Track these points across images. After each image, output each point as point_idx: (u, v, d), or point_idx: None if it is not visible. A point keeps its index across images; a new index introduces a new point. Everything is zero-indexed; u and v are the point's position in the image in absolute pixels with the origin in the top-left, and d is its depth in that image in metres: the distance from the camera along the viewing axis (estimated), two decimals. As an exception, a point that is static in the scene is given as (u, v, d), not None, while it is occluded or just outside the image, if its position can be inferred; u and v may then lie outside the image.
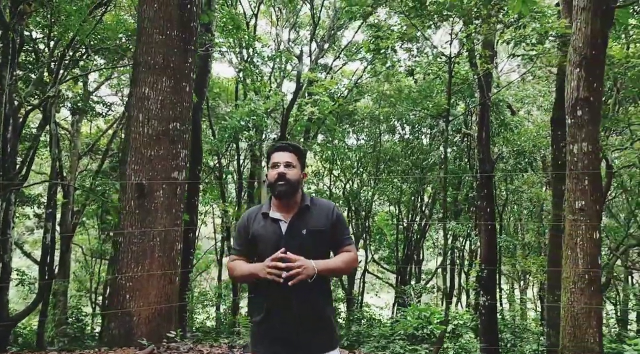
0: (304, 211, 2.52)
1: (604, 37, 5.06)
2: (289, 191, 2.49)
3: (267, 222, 2.52)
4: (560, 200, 9.23)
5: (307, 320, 2.43)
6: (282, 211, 2.53)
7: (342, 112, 17.73)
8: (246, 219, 2.62)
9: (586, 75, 4.91)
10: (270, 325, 2.47)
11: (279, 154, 2.56)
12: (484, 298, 11.55)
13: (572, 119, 4.98)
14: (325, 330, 2.51)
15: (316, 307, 2.46)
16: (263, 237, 2.48)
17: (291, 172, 2.50)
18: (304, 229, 2.46)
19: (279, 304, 2.43)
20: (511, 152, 14.96)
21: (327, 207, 2.57)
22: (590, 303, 4.89)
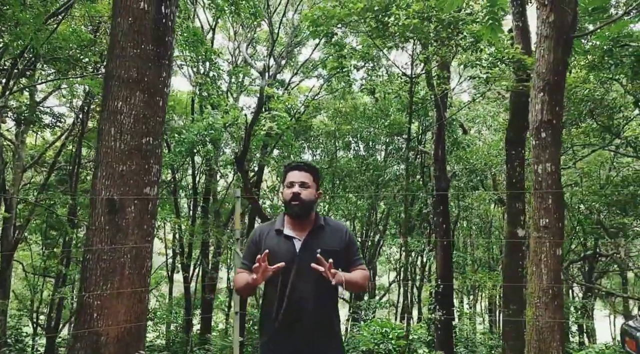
0: (319, 230, 2.57)
1: (564, 64, 5.38)
2: (303, 211, 2.54)
3: (281, 239, 2.55)
4: (515, 218, 9.62)
5: (317, 332, 2.47)
6: (295, 229, 2.56)
7: (299, 128, 17.85)
8: (258, 235, 2.65)
9: (549, 99, 5.19)
10: (281, 342, 2.48)
11: (295, 173, 2.60)
12: (440, 313, 11.79)
13: (536, 141, 5.23)
14: (335, 343, 2.55)
15: (326, 319, 2.51)
16: (276, 254, 2.49)
17: (306, 192, 2.55)
18: (318, 248, 2.48)
19: (290, 317, 2.45)
20: (463, 170, 15.44)
21: (341, 229, 2.62)
22: (554, 317, 5.10)
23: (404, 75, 10.28)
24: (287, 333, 2.47)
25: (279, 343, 2.49)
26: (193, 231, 14.89)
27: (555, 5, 5.20)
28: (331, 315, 2.54)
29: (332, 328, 2.53)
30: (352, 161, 19.64)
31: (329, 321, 2.52)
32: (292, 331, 2.46)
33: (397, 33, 9.15)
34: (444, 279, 11.81)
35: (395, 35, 9.37)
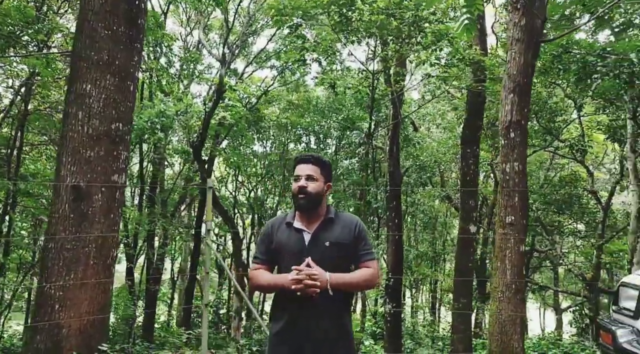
0: (328, 223, 2.54)
1: (533, 67, 5.58)
2: (309, 204, 2.51)
3: (291, 231, 2.53)
4: (468, 214, 9.93)
5: (327, 324, 2.44)
6: (305, 221, 2.54)
7: (251, 119, 17.62)
8: (270, 228, 2.62)
9: (519, 100, 5.38)
10: (291, 333, 2.46)
11: (301, 166, 2.57)
12: (390, 306, 12.01)
13: (505, 141, 5.42)
14: (345, 341, 2.53)
15: (337, 318, 2.48)
16: (286, 247, 2.50)
17: (312, 185, 2.52)
18: (327, 241, 2.48)
19: (300, 313, 2.43)
20: (413, 167, 15.78)
21: (351, 221, 2.59)
22: (515, 311, 5.31)
23: (364, 71, 10.35)
24: (296, 324, 2.46)
25: (288, 333, 2.47)
26: (140, 219, 14.40)
27: (526, 10, 5.38)
28: (340, 308, 2.53)
29: (341, 321, 2.52)
30: (302, 153, 19.61)
31: (337, 314, 2.50)
32: (301, 322, 2.45)
33: (361, 28, 9.20)
34: (394, 273, 12.02)
35: (359, 30, 9.42)
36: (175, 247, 20.94)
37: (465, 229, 9.81)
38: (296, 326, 2.45)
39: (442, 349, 12.32)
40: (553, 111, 14.27)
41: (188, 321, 16.60)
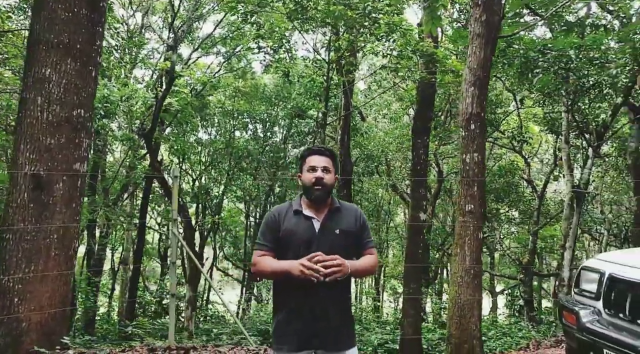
0: (335, 211, 2.62)
1: (490, 61, 5.81)
2: (325, 195, 2.59)
3: (300, 219, 2.58)
4: (418, 203, 10.23)
5: (332, 316, 2.51)
6: (313, 210, 2.60)
7: (196, 106, 17.26)
8: (277, 216, 2.64)
9: (479, 93, 5.59)
10: (296, 321, 2.51)
11: (317, 157, 2.62)
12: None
13: (465, 132, 5.62)
14: (348, 327, 2.61)
15: (341, 304, 2.56)
16: (295, 233, 2.55)
17: (328, 176, 2.60)
18: (337, 229, 2.56)
19: (305, 301, 2.49)
20: (361, 156, 16.02)
21: (355, 211, 2.68)
22: (474, 295, 5.56)
23: (318, 61, 10.39)
24: (302, 311, 2.51)
25: (294, 320, 2.52)
26: (80, 210, 13.85)
27: (487, 6, 5.58)
28: (345, 295, 2.62)
29: (346, 307, 2.61)
30: (250, 142, 19.46)
31: (343, 301, 2.59)
32: (306, 310, 2.50)
33: (317, 17, 9.20)
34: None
35: (314, 19, 9.42)
36: (116, 236, 20.27)
37: (415, 217, 10.11)
38: (302, 314, 2.51)
39: (390, 333, 12.66)
40: (494, 103, 14.89)
41: (132, 312, 16.17)
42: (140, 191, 17.46)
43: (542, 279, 20.78)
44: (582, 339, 3.44)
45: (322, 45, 10.33)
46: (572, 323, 3.57)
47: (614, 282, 3.42)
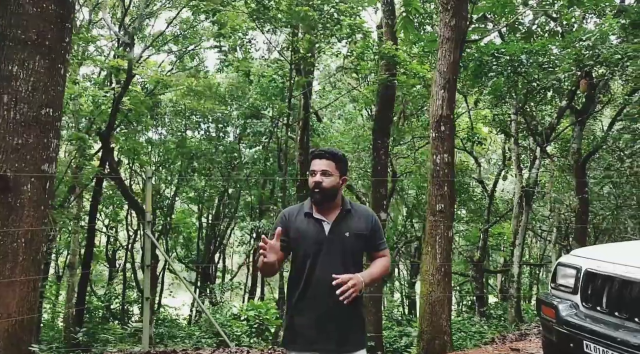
0: (346, 214, 2.63)
1: (458, 64, 5.98)
2: (324, 199, 2.60)
3: (310, 221, 2.61)
4: (379, 202, 10.39)
5: (342, 312, 2.53)
6: (323, 212, 2.62)
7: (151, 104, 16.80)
8: (287, 216, 2.68)
9: (448, 96, 5.75)
10: (307, 321, 2.55)
11: (316, 161, 2.63)
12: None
13: (436, 134, 5.77)
14: (360, 329, 2.64)
15: (353, 306, 2.56)
16: (306, 235, 2.59)
17: (327, 180, 2.59)
18: (347, 232, 2.57)
19: (317, 301, 2.52)
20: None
21: (367, 213, 2.70)
22: (444, 292, 5.72)
23: (279, 61, 10.36)
24: (313, 312, 2.55)
25: (305, 320, 2.56)
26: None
27: (456, 10, 5.75)
28: (356, 299, 2.59)
29: (356, 309, 2.62)
30: (202, 141, 19.13)
31: (354, 304, 2.58)
32: (318, 310, 2.54)
33: (280, 17, 9.18)
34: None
35: (277, 19, 9.40)
36: (62, 240, 19.44)
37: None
38: (313, 313, 2.55)
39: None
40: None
41: (80, 318, 15.56)
42: (87, 192, 16.83)
43: (488, 276, 21.54)
44: (562, 332, 3.61)
45: (283, 45, 10.30)
46: (551, 317, 3.74)
47: (590, 277, 3.61)
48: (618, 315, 3.37)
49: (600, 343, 3.33)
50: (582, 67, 11.41)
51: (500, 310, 16.04)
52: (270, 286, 23.78)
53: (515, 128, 13.22)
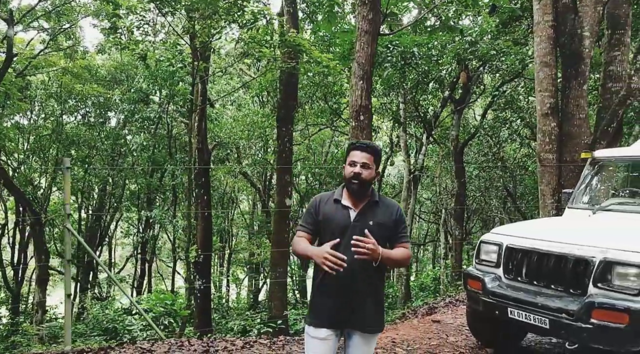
0: (373, 204, 2.74)
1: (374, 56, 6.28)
2: (362, 189, 2.69)
3: (339, 207, 2.72)
4: (284, 189, 10.54)
5: (364, 296, 2.67)
6: (352, 201, 2.72)
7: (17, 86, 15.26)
8: (318, 202, 2.80)
9: (367, 86, 6.03)
10: (329, 299, 2.67)
11: (357, 153, 2.71)
12: (200, 282, 12.04)
13: (355, 123, 6.03)
14: (379, 313, 2.78)
15: (373, 285, 2.71)
16: (333, 219, 2.70)
17: (366, 172, 2.68)
18: (371, 221, 2.68)
19: (339, 281, 2.62)
20: (211, 143, 15.75)
21: (393, 206, 2.81)
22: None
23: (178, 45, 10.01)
24: (334, 293, 2.66)
25: (327, 298, 2.68)
26: None
27: (373, 5, 6.02)
28: (377, 282, 2.74)
29: (377, 294, 2.76)
30: (79, 128, 17.80)
31: (374, 287, 2.72)
32: (339, 291, 2.65)
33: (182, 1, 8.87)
34: (204, 249, 12.05)
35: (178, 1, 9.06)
36: None
37: (281, 202, 10.42)
38: (335, 293, 2.67)
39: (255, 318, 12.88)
40: (338, 93, 15.84)
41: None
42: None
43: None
44: (488, 301, 4.05)
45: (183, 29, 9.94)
46: (477, 289, 4.17)
47: (511, 251, 4.08)
48: (537, 284, 3.87)
49: (523, 309, 3.81)
50: (462, 60, 12.48)
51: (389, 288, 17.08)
52: (157, 277, 23.00)
53: (404, 116, 14.06)
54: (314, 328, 2.72)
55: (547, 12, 7.53)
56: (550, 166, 7.43)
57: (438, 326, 5.17)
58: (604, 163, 4.86)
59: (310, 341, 2.75)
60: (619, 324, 3.32)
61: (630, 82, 7.07)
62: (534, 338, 4.75)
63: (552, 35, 7.51)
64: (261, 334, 8.84)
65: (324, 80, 14.53)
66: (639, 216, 4.22)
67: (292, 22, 10.37)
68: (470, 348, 4.53)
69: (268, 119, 15.79)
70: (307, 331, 2.77)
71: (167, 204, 17.80)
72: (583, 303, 3.50)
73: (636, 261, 3.38)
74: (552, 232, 4.12)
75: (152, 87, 15.11)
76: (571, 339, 3.59)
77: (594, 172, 4.85)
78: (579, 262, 3.63)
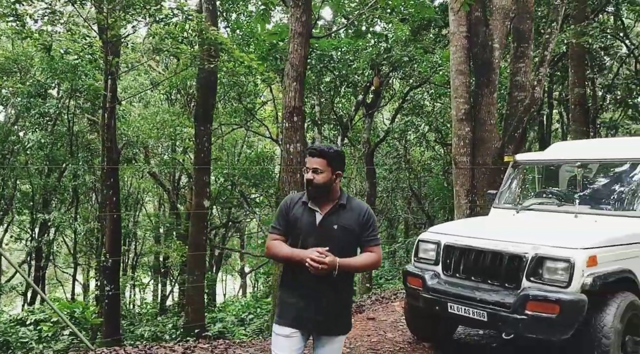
0: (339, 208, 2.75)
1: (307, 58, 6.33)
2: (317, 194, 2.73)
3: (306, 210, 2.76)
4: (202, 190, 10.26)
5: (330, 298, 2.70)
6: (319, 204, 2.75)
7: None
8: (289, 202, 2.83)
9: (300, 88, 6.05)
10: (295, 299, 2.71)
11: (310, 159, 2.76)
12: (108, 288, 11.40)
13: (289, 124, 6.03)
14: (345, 316, 2.82)
15: (339, 287, 2.73)
16: (300, 222, 2.75)
17: (318, 177, 2.71)
18: (335, 225, 2.70)
19: (308, 288, 2.67)
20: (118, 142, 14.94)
21: (360, 209, 2.79)
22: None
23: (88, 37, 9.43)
24: (301, 294, 2.70)
25: (293, 301, 2.72)
26: None
27: (307, 7, 6.07)
28: (343, 284, 2.76)
29: (343, 297, 2.78)
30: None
31: (341, 289, 2.75)
32: (305, 292, 2.69)
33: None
34: (113, 254, 11.41)
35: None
36: None
37: (199, 204, 10.13)
38: (301, 294, 2.71)
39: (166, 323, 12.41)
40: (254, 93, 15.73)
41: None
42: None
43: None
44: (429, 297, 4.24)
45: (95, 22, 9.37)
46: (417, 286, 4.34)
47: (449, 249, 4.30)
48: (474, 279, 4.12)
49: (462, 304, 4.03)
50: (375, 66, 12.91)
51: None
52: (52, 284, 21.41)
53: (319, 118, 14.25)
54: (279, 326, 2.76)
55: (462, 23, 8.02)
56: (464, 169, 7.91)
57: (374, 323, 5.32)
58: (524, 166, 5.27)
59: (276, 338, 2.78)
60: (550, 314, 3.63)
61: (534, 92, 7.73)
62: (464, 331, 5.04)
63: (466, 45, 8.02)
64: (180, 339, 8.54)
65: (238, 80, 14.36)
66: (557, 215, 4.63)
67: (211, 19, 10.14)
68: (408, 342, 4.72)
69: (179, 118, 15.28)
70: (274, 329, 2.81)
71: (66, 206, 16.60)
72: (518, 296, 3.77)
73: (564, 256, 3.71)
74: (486, 231, 4.41)
75: (51, 80, 14.05)
76: (507, 330, 3.84)
77: (515, 175, 5.24)
78: (513, 258, 3.92)
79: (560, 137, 16.47)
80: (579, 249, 3.71)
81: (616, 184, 4.62)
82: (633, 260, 3.96)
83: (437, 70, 12.37)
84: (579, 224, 4.32)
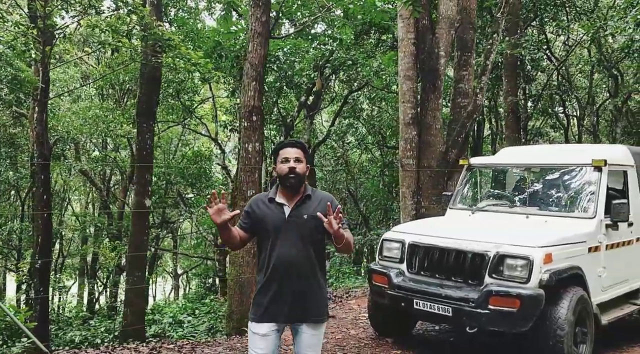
0: (306, 199, 2.84)
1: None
2: (298, 183, 2.81)
3: (273, 205, 2.83)
4: (143, 188, 9.92)
5: (302, 284, 2.76)
6: (286, 198, 2.82)
7: None
8: (253, 203, 2.92)
9: (259, 88, 6.05)
10: (270, 295, 2.75)
11: (289, 149, 2.85)
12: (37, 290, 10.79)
13: (248, 123, 5.99)
14: (319, 300, 2.85)
15: (310, 273, 2.80)
16: (269, 218, 2.81)
17: (300, 166, 2.80)
18: (305, 215, 2.78)
19: (278, 271, 2.74)
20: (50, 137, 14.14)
21: (327, 198, 2.87)
22: (252, 273, 6.05)
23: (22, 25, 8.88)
24: (274, 288, 2.76)
25: (267, 296, 2.77)
26: None
27: (266, 7, 6.08)
28: (314, 270, 2.83)
29: (318, 285, 2.83)
30: None
31: (315, 278, 2.82)
32: (278, 286, 2.75)
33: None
34: (43, 255, 10.81)
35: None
36: None
37: (140, 203, 9.79)
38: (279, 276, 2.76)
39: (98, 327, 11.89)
40: (192, 90, 15.41)
41: None
42: None
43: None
44: (395, 295, 4.38)
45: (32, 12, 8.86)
46: (383, 283, 4.48)
47: (413, 248, 4.47)
48: (438, 277, 4.30)
49: (428, 300, 4.20)
50: (318, 68, 13.06)
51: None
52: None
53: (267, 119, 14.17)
54: (255, 323, 2.79)
55: (410, 30, 8.31)
56: (410, 171, 8.19)
57: (335, 321, 5.41)
58: (478, 169, 5.55)
59: (252, 336, 2.81)
60: (511, 308, 3.87)
61: (476, 98, 8.13)
62: (423, 327, 5.24)
63: (414, 52, 8.30)
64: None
65: (177, 77, 14.03)
66: (510, 215, 4.93)
67: (156, 13, 9.85)
68: (371, 338, 4.85)
69: (112, 113, 14.69)
70: (249, 327, 2.83)
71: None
72: (481, 292, 3.99)
73: (524, 254, 3.97)
74: (448, 230, 4.61)
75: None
76: (471, 324, 4.05)
77: (469, 177, 5.51)
78: (476, 256, 4.13)
79: (490, 143, 17.33)
80: (536, 248, 3.98)
81: (562, 187, 4.98)
82: (580, 258, 4.29)
83: (378, 75, 12.66)
84: (531, 225, 4.62)
